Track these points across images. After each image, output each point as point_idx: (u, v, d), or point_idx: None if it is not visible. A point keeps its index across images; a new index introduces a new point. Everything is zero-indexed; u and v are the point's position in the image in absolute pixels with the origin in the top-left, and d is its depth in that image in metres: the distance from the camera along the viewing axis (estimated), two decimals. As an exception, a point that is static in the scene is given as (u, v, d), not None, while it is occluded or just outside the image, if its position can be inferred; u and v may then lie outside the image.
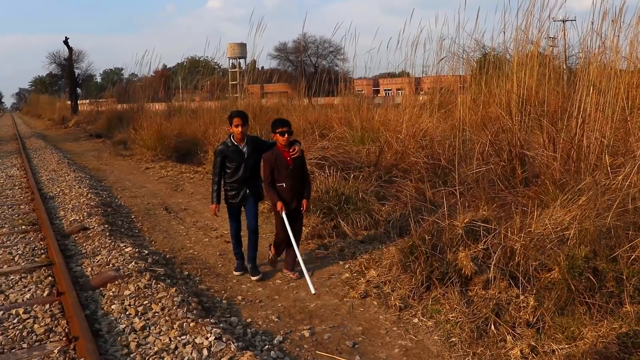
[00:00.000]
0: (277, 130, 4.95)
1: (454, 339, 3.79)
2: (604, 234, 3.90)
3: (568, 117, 6.14)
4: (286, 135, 4.93)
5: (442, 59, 9.33)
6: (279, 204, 4.90)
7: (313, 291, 4.66)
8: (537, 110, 6.94)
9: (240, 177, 5.07)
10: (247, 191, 5.13)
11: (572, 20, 11.30)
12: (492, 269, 4.14)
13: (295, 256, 4.96)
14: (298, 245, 5.00)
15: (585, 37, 6.56)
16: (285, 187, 4.96)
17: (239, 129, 5.00)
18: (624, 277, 3.50)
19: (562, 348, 3.36)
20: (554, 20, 8.31)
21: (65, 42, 33.42)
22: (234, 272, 5.38)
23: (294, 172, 4.98)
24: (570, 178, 5.19)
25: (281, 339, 3.90)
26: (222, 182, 5.20)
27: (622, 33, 6.11)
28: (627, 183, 4.03)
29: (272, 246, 5.42)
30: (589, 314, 3.60)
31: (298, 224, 5.18)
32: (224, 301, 4.66)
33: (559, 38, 9.49)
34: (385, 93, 29.90)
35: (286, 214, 4.91)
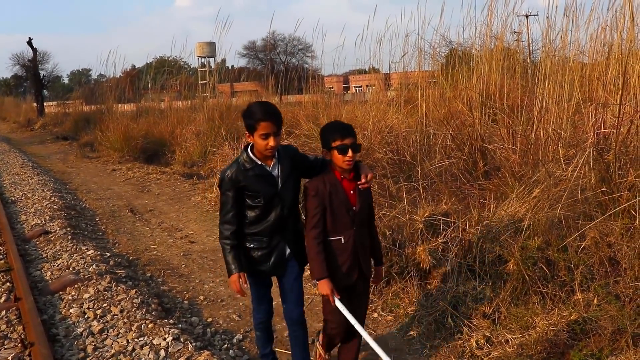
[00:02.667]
0: (335, 145, 2.81)
1: (412, 333, 3.83)
2: (556, 225, 3.99)
3: (527, 110, 6.28)
4: (350, 153, 2.79)
5: (404, 55, 9.44)
6: (327, 286, 2.81)
7: None
8: (497, 104, 7.07)
9: (273, 222, 2.92)
10: (287, 249, 2.99)
11: (534, 15, 11.56)
12: (450, 262, 4.20)
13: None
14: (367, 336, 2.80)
15: (545, 31, 6.74)
16: (343, 242, 2.89)
17: (271, 142, 2.79)
18: (573, 266, 3.59)
19: (515, 337, 3.44)
20: (517, 15, 8.50)
21: (29, 42, 32.62)
22: None
23: (360, 216, 2.92)
24: (528, 170, 5.30)
25: (241, 337, 3.90)
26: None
27: (581, 28, 6.28)
28: (577, 174, 4.13)
29: (319, 340, 3.33)
30: (543, 303, 3.68)
31: (362, 308, 3.11)
32: (186, 301, 4.63)
33: (523, 33, 9.70)
34: (356, 90, 30.03)
35: (340, 298, 2.84)
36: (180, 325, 3.99)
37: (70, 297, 4.64)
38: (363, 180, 2.89)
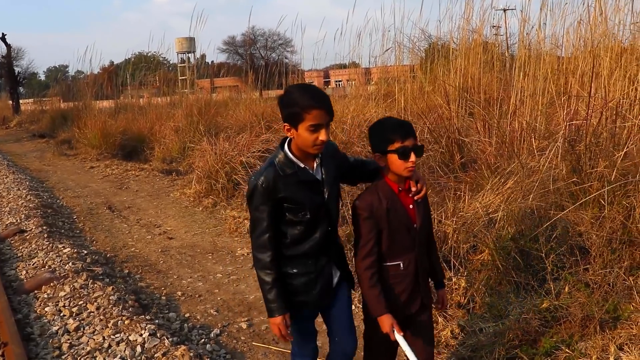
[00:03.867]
0: (393, 148, 2.25)
1: (388, 323, 3.86)
2: (528, 215, 4.06)
3: (503, 103, 6.36)
4: (413, 157, 2.24)
5: (387, 49, 9.47)
6: (388, 324, 2.28)
7: None
8: (474, 97, 7.14)
9: (319, 240, 2.32)
10: (336, 272, 2.44)
11: (512, 10, 11.70)
12: (425, 253, 4.24)
13: None
14: None
15: (521, 25, 6.83)
16: (403, 268, 2.37)
17: (322, 135, 2.17)
18: (545, 255, 3.66)
19: (489, 326, 3.49)
20: (495, 10, 8.59)
21: (3, 38, 32.00)
22: None
23: (421, 235, 2.40)
24: (503, 162, 5.37)
25: (218, 331, 3.90)
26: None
27: (557, 22, 6.38)
28: (548, 165, 4.20)
29: None
30: (516, 292, 3.75)
31: (427, 344, 2.48)
32: (163, 297, 4.62)
33: (502, 27, 9.81)
34: (336, 84, 30.08)
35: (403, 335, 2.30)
36: (157, 321, 3.97)
37: (45, 296, 4.59)
38: (414, 190, 2.32)
